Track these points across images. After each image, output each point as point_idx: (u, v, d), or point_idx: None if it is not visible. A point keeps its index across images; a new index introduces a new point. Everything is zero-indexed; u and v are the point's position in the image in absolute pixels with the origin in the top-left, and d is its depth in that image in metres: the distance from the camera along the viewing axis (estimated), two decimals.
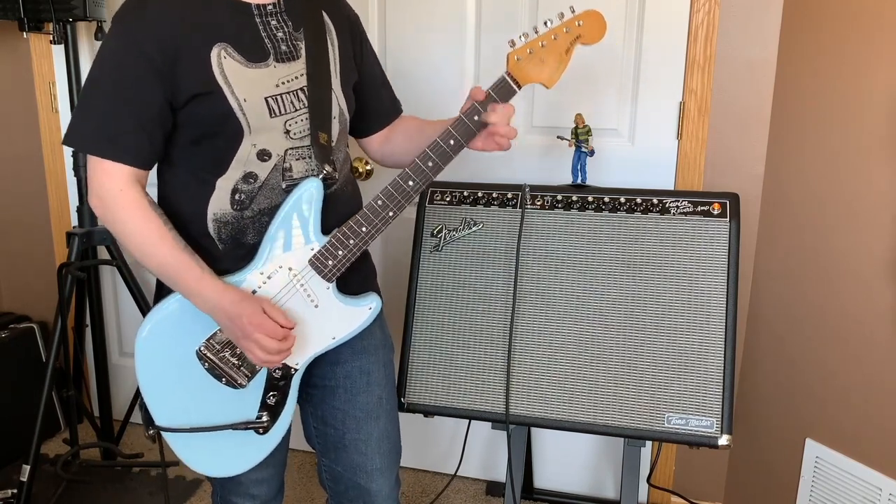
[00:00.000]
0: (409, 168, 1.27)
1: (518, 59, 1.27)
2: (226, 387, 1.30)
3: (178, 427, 1.30)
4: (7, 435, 2.40)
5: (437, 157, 1.27)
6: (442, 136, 1.27)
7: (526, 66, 1.28)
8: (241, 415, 1.31)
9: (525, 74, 1.28)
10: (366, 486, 1.43)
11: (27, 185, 2.56)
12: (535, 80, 1.29)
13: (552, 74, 1.29)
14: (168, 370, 1.28)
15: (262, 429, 1.32)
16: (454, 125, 1.27)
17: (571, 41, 1.29)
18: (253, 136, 1.23)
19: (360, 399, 1.40)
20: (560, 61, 1.29)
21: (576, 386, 1.67)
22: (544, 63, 1.28)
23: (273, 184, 1.25)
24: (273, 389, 1.32)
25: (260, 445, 1.35)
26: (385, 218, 1.27)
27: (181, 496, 2.29)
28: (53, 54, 2.41)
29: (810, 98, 1.79)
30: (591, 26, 1.29)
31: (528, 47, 1.27)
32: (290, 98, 1.25)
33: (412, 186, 1.27)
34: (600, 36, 1.30)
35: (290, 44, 1.26)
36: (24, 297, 2.66)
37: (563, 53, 1.29)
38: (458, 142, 1.27)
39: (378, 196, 1.27)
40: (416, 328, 1.78)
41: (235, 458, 1.35)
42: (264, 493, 1.48)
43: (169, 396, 1.30)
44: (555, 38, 1.28)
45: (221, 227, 1.26)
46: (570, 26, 1.28)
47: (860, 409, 1.74)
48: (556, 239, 1.73)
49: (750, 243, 1.98)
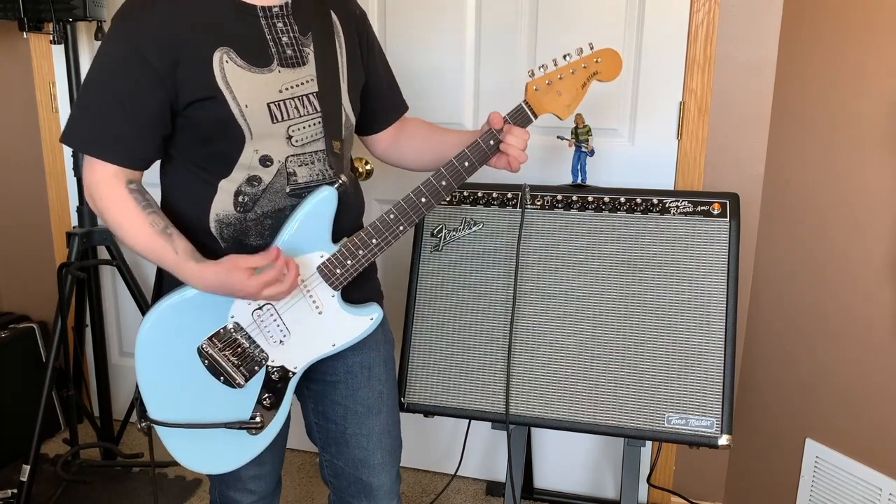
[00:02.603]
0: (424, 185, 1.30)
1: (536, 90, 1.32)
2: (223, 385, 1.29)
3: (171, 422, 1.30)
4: (7, 435, 2.40)
5: (451, 177, 1.31)
6: (458, 158, 1.30)
7: (543, 97, 1.32)
8: (235, 414, 1.31)
9: (542, 105, 1.33)
10: (367, 481, 1.43)
11: (27, 185, 2.56)
12: (550, 111, 1.34)
13: (568, 107, 1.34)
14: (167, 364, 1.28)
15: (255, 429, 1.32)
16: (471, 148, 1.31)
17: (588, 77, 1.34)
18: (255, 142, 1.22)
19: (362, 394, 1.41)
20: (576, 95, 1.34)
21: (576, 386, 1.67)
22: (561, 96, 1.33)
23: (277, 188, 1.25)
24: (269, 391, 1.32)
25: (251, 444, 1.34)
26: (396, 232, 1.30)
27: (181, 496, 2.29)
28: (53, 54, 2.41)
29: (810, 98, 1.79)
30: (608, 64, 1.34)
31: (547, 79, 1.32)
32: (294, 104, 1.24)
33: (424, 203, 1.30)
34: (616, 74, 1.35)
35: (295, 48, 1.25)
36: (24, 297, 2.66)
37: (579, 88, 1.34)
38: (473, 164, 1.31)
39: (391, 210, 1.29)
40: (416, 328, 1.78)
41: (226, 455, 1.35)
42: (262, 488, 1.49)
43: (165, 390, 1.29)
44: (573, 73, 1.33)
45: (224, 227, 1.26)
46: (589, 62, 1.33)
47: (860, 409, 1.74)
48: (556, 239, 1.73)
49: (750, 243, 1.98)
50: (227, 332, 1.27)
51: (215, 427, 1.30)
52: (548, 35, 1.99)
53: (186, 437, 1.32)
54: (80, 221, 2.19)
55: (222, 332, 1.27)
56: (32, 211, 2.58)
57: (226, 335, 1.28)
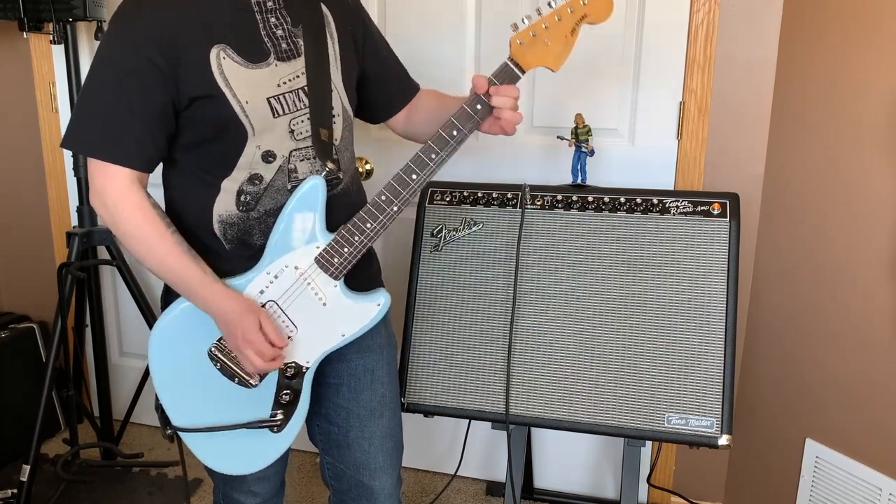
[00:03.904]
0: (412, 161, 1.25)
1: (521, 43, 1.22)
2: (238, 386, 1.30)
3: (194, 427, 1.31)
4: (7, 435, 2.40)
5: (439, 149, 1.24)
6: (444, 127, 1.24)
7: (529, 49, 1.22)
8: (255, 413, 1.32)
9: (529, 58, 1.23)
10: (369, 484, 1.43)
11: (27, 185, 2.56)
12: (539, 64, 1.24)
13: (558, 57, 1.23)
14: (182, 370, 1.29)
15: (276, 427, 1.32)
16: (457, 116, 1.24)
17: (577, 21, 1.22)
18: (257, 138, 1.22)
19: (364, 397, 1.40)
20: (565, 43, 1.23)
21: (576, 386, 1.67)
22: (549, 46, 1.22)
23: (279, 185, 1.25)
24: (286, 388, 1.32)
25: (275, 443, 1.35)
26: (390, 213, 1.25)
27: (181, 496, 2.29)
28: (53, 54, 2.41)
29: (810, 98, 1.79)
30: (596, 4, 1.22)
31: (532, 30, 1.21)
32: (292, 97, 1.24)
33: (415, 180, 1.24)
34: (607, 14, 1.23)
35: (289, 41, 1.25)
36: (24, 297, 2.66)
37: (568, 35, 1.23)
38: (462, 132, 1.24)
39: (382, 191, 1.25)
40: (416, 328, 1.78)
41: (253, 455, 1.35)
42: (266, 490, 1.49)
43: (184, 396, 1.31)
44: (559, 20, 1.22)
45: (227, 228, 1.26)
46: (575, 6, 1.22)
47: (860, 409, 1.74)
48: (556, 239, 1.73)
49: (750, 243, 1.98)
50: None
51: (236, 428, 1.31)
52: None
53: (212, 441, 1.32)
54: (80, 221, 2.19)
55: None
56: (32, 211, 2.58)
57: None
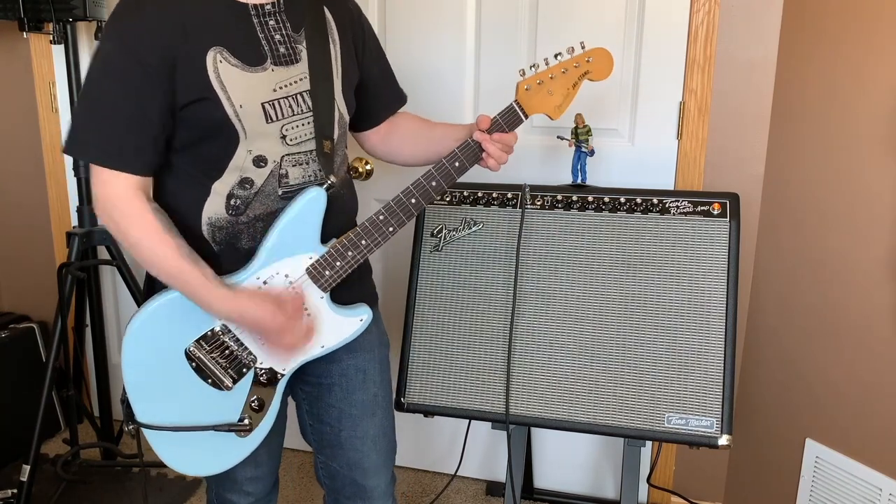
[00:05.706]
0: (413, 186, 1.29)
1: (527, 89, 1.31)
2: (210, 387, 1.28)
3: (158, 424, 1.29)
4: (7, 435, 2.40)
5: (441, 178, 1.31)
6: (448, 158, 1.31)
7: (534, 96, 1.32)
8: (223, 416, 1.30)
9: (533, 104, 1.32)
10: (362, 483, 1.43)
11: (27, 186, 2.56)
12: (541, 111, 1.34)
13: (558, 107, 1.34)
14: (154, 367, 1.27)
15: (243, 432, 1.31)
16: (461, 149, 1.31)
17: (580, 76, 1.33)
18: (248, 143, 1.21)
19: (357, 396, 1.40)
20: (567, 94, 1.34)
21: (576, 386, 1.67)
22: (552, 95, 1.33)
23: (269, 190, 1.24)
24: (258, 393, 1.31)
25: (240, 446, 1.33)
26: (385, 233, 1.29)
27: (181, 496, 2.29)
28: (53, 54, 2.41)
29: (810, 98, 1.79)
30: (600, 63, 1.33)
31: (538, 78, 1.31)
32: (288, 103, 1.23)
33: (414, 204, 1.30)
34: (608, 73, 1.34)
35: (288, 46, 1.24)
36: (24, 297, 2.66)
37: (570, 87, 1.34)
38: (463, 165, 1.32)
39: (380, 211, 1.28)
40: (416, 328, 1.78)
41: (214, 458, 1.34)
42: (258, 490, 1.48)
43: (152, 393, 1.28)
44: (564, 72, 1.32)
45: (216, 231, 1.25)
46: (580, 62, 1.32)
47: (860, 409, 1.74)
48: (556, 239, 1.73)
49: (750, 243, 1.98)
50: (216, 334, 1.26)
51: (203, 430, 1.29)
52: (548, 35, 1.99)
53: (174, 440, 1.30)
54: (80, 221, 2.19)
55: (210, 334, 1.26)
56: (32, 211, 2.58)
57: (214, 337, 1.26)
